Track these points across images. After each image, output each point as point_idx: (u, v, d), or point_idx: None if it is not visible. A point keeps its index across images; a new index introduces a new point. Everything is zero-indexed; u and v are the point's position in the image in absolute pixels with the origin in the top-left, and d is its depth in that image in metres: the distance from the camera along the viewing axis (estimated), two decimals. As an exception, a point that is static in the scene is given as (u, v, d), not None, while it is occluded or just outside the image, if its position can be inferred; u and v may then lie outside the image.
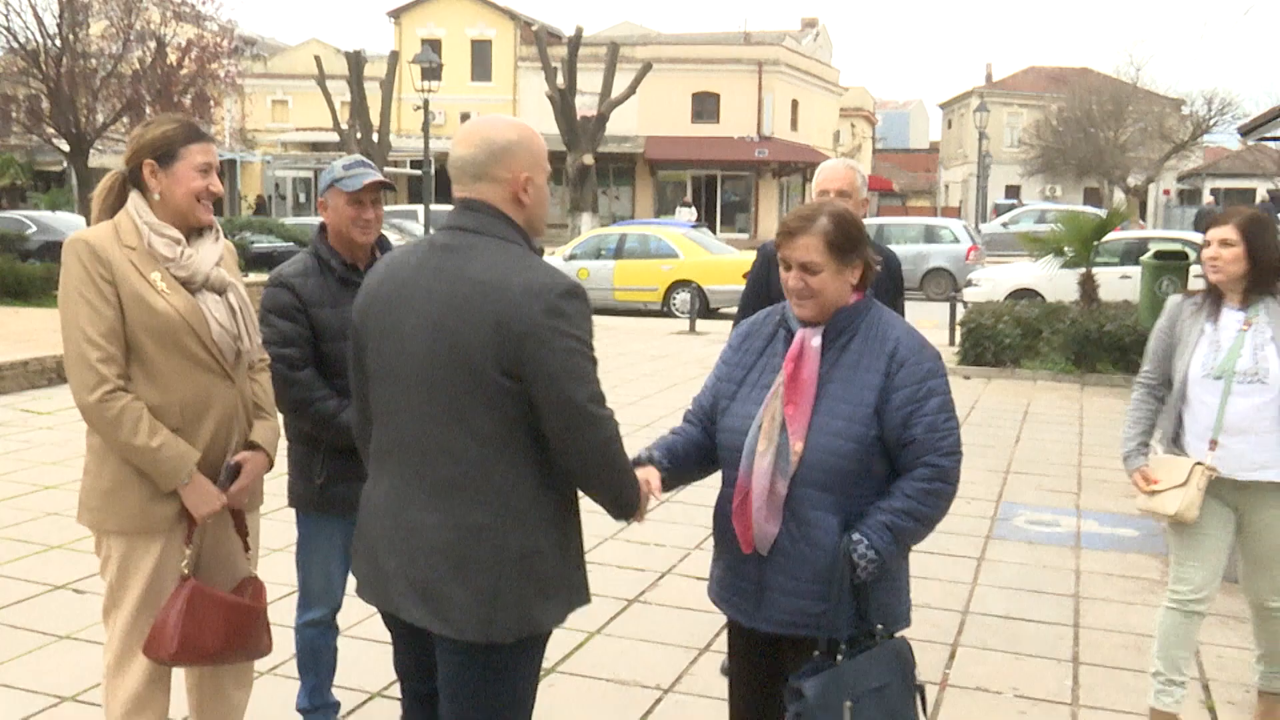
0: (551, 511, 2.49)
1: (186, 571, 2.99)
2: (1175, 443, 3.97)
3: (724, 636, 4.64)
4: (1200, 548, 3.92)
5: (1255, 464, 3.82)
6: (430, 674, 2.61)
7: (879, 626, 2.69)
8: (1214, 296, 3.99)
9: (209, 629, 2.97)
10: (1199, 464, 3.84)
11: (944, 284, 22.64)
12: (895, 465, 2.72)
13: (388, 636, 2.77)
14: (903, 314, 4.08)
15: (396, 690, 2.95)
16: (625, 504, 2.57)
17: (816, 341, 2.76)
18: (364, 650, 4.49)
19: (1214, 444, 3.83)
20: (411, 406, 2.47)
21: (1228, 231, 3.91)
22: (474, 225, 2.49)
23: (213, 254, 3.06)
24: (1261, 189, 53.79)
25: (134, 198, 2.99)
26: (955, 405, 2.76)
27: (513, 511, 2.42)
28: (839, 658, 2.63)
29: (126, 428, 2.84)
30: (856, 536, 2.65)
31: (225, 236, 3.21)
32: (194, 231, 3.05)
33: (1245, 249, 3.87)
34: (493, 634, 2.41)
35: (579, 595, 2.59)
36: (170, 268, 2.95)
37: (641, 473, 2.69)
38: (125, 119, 23.99)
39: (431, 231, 2.64)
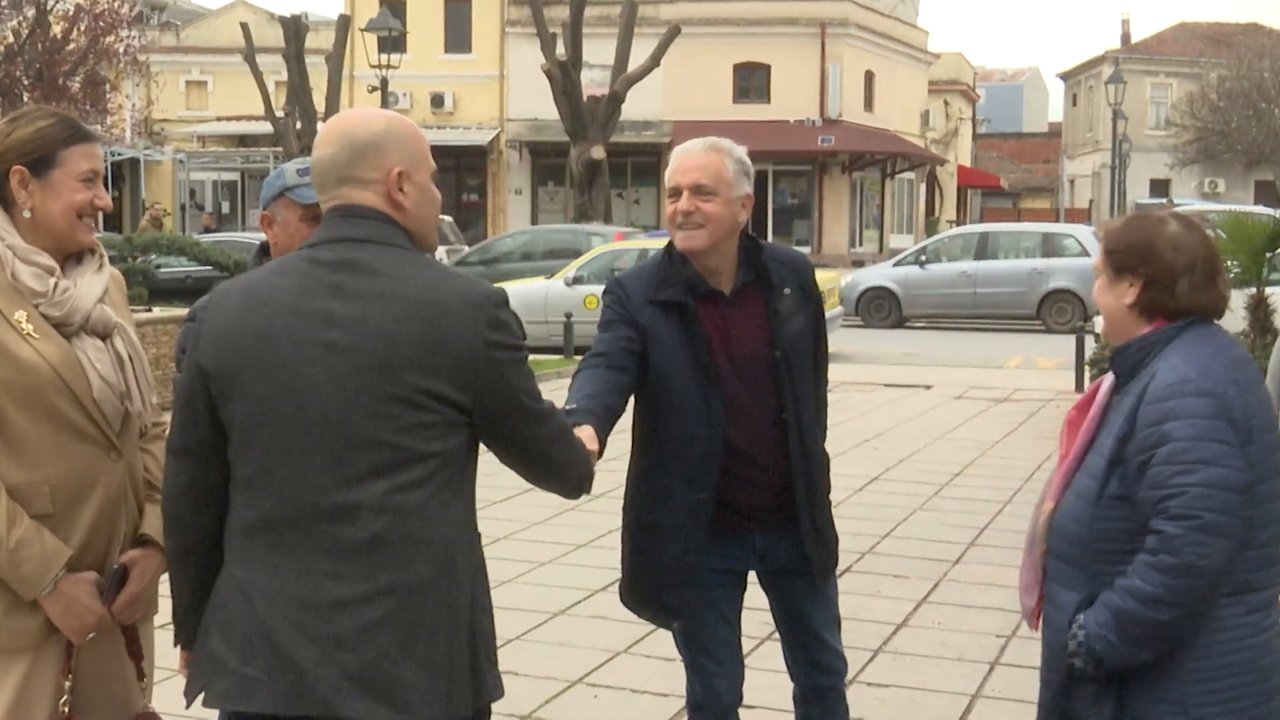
0: (479, 557, 2.74)
1: (66, 710, 2.99)
2: None
3: None
4: None
5: None
6: None
7: None
8: None
9: None
10: None
11: (1069, 310, 22.61)
12: None
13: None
14: (826, 344, 4.12)
15: None
16: (583, 480, 2.97)
17: (1107, 385, 3.02)
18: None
19: None
20: (318, 459, 2.59)
21: None
22: (365, 234, 2.67)
23: (95, 287, 3.10)
24: None
25: (-7, 214, 3.04)
26: (1221, 455, 2.78)
27: (454, 567, 2.63)
28: None
29: (-24, 517, 2.86)
30: (1079, 618, 2.85)
31: (129, 259, 3.25)
32: (71, 258, 3.10)
33: None
34: (453, 709, 2.59)
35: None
36: (40, 305, 2.99)
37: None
38: (-5, 109, 24.32)
39: (302, 249, 2.76)
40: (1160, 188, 55.84)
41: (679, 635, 3.99)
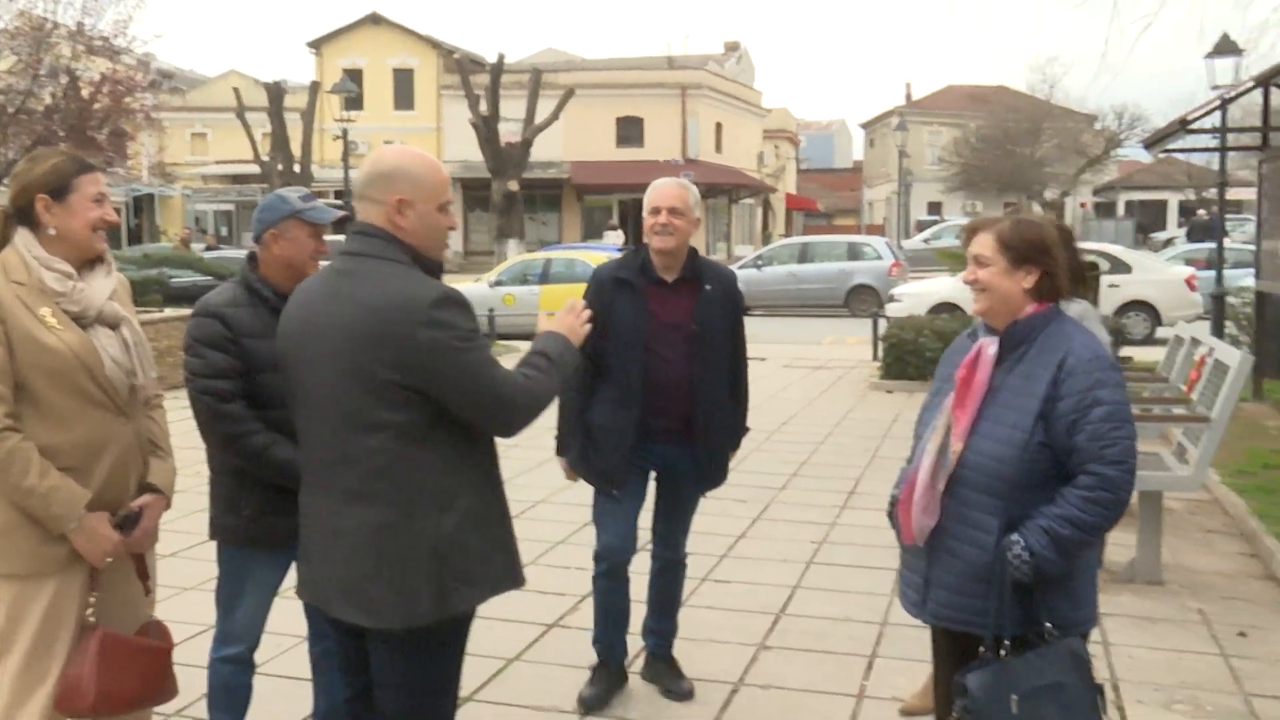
0: (467, 503, 2.65)
1: (93, 619, 2.94)
2: None
3: (641, 660, 4.66)
4: None
5: None
6: (362, 667, 2.80)
7: (1048, 625, 2.80)
8: None
9: (125, 676, 2.93)
10: None
11: (868, 300, 22.88)
12: (1067, 473, 2.82)
13: (303, 673, 2.79)
14: (743, 337, 4.37)
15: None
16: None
17: (992, 350, 2.93)
18: (278, 687, 4.42)
19: None
20: (321, 424, 2.67)
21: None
22: (362, 249, 2.68)
23: (105, 287, 3.03)
24: (1173, 200, 55.36)
25: (22, 234, 2.95)
26: (1130, 416, 2.82)
27: (419, 508, 2.60)
28: (1003, 654, 2.78)
29: (16, 469, 2.79)
30: (1014, 538, 2.80)
31: (146, 270, 3.16)
32: (85, 265, 3.01)
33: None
34: (411, 619, 2.60)
35: (506, 580, 2.77)
36: (61, 302, 2.91)
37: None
38: (37, 156, 23.47)
39: (333, 260, 2.79)
40: (935, 208, 56.80)
41: (597, 499, 4.31)
